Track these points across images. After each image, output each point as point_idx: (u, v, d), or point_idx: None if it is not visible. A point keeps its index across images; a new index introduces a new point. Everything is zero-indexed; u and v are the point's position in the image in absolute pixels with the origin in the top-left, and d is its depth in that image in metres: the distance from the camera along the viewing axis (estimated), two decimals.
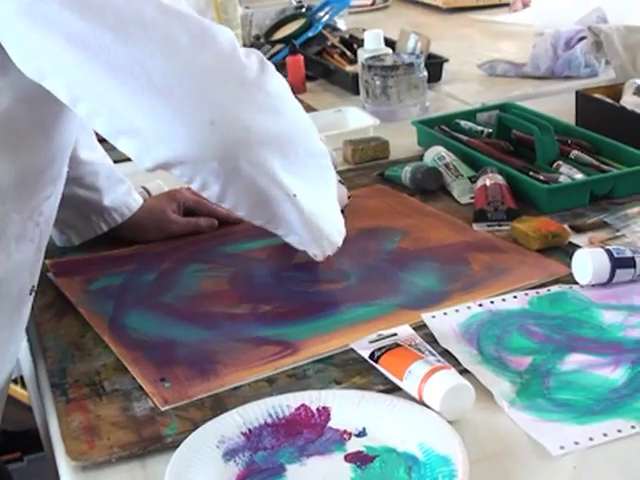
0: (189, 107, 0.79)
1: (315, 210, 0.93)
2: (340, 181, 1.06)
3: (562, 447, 0.75)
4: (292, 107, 0.90)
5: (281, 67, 1.98)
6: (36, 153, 0.84)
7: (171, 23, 0.79)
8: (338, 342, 0.93)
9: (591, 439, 0.76)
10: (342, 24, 2.22)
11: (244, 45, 2.15)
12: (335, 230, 0.98)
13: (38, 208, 0.90)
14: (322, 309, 1.00)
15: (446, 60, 1.88)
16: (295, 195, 0.90)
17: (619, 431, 0.77)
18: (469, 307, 0.97)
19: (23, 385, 2.12)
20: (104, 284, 1.10)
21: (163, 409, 0.84)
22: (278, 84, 0.88)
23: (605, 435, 0.77)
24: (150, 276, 1.11)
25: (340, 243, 0.98)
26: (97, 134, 1.18)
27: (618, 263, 0.98)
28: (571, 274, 1.01)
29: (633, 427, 0.77)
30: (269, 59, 2.24)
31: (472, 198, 1.23)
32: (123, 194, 1.19)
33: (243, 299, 1.04)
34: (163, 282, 1.09)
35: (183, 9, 0.81)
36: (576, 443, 0.76)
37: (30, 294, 0.93)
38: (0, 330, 0.90)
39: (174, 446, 0.77)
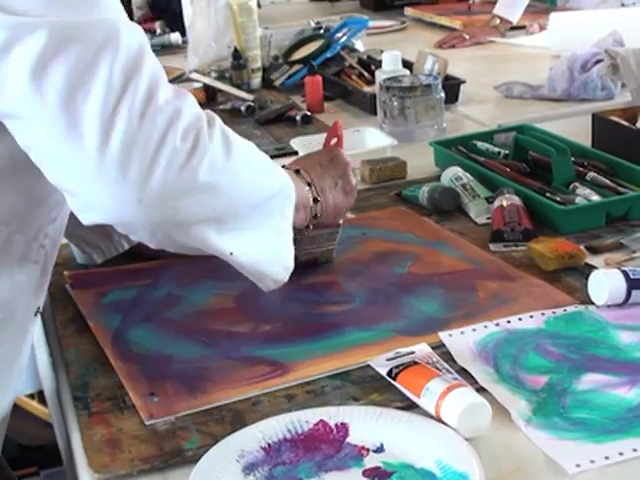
0: (118, 184, 0.79)
1: (255, 258, 0.94)
2: (316, 199, 1.05)
3: (578, 465, 0.76)
4: (232, 174, 0.87)
5: (300, 87, 2.01)
6: (40, 177, 0.84)
7: (120, 96, 0.79)
8: (329, 366, 0.93)
9: (607, 458, 0.77)
10: (360, 45, 2.24)
11: (263, 66, 2.17)
12: (280, 268, 0.97)
13: (43, 230, 0.91)
14: (320, 331, 1.00)
15: (463, 82, 1.90)
16: (232, 253, 0.91)
17: (635, 450, 0.77)
18: (486, 326, 0.98)
19: (40, 400, 2.14)
20: (117, 297, 1.11)
21: (148, 423, 0.86)
22: (217, 156, 0.84)
23: (621, 454, 0.77)
24: (162, 291, 1.12)
25: (287, 278, 0.98)
26: None
27: (634, 284, 0.98)
28: (580, 300, 1.02)
29: None
30: (288, 79, 2.27)
31: (489, 219, 1.25)
32: None
33: (246, 318, 1.05)
34: (173, 298, 1.11)
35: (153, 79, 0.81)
36: (592, 461, 0.76)
37: (35, 315, 0.94)
38: (4, 351, 0.90)
39: (194, 460, 0.78)
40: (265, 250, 0.95)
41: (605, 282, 0.99)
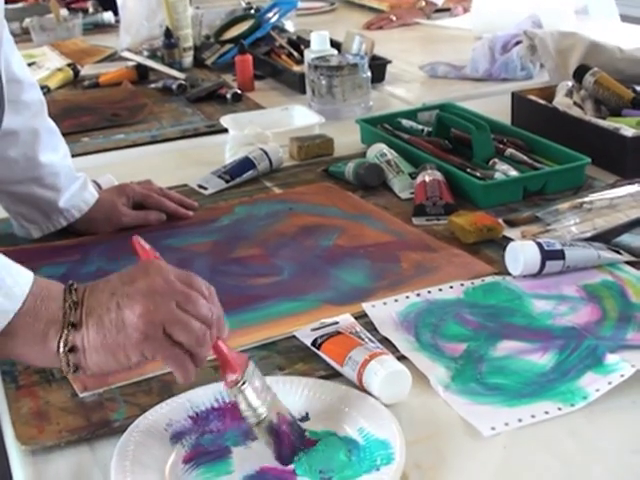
0: None
1: None
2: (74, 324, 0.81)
3: (493, 428, 0.79)
4: None
5: (231, 66, 2.01)
6: None
7: None
8: (260, 335, 0.95)
9: (520, 420, 0.80)
10: (290, 25, 2.25)
11: (195, 45, 2.17)
12: None
13: None
14: (251, 303, 1.02)
15: (389, 61, 1.93)
16: None
17: (546, 413, 0.81)
18: (407, 297, 1.00)
19: None
20: (45, 274, 1.09)
21: (82, 395, 0.87)
22: None
23: (533, 416, 0.81)
24: (92, 267, 1.12)
25: None
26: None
27: (548, 255, 1.02)
28: (498, 271, 1.05)
29: (559, 409, 0.81)
30: (219, 58, 2.27)
31: (412, 193, 1.28)
32: (79, 189, 1.22)
33: None
34: (103, 273, 1.10)
35: None
36: (506, 424, 0.80)
37: None
38: None
39: (122, 430, 0.79)
40: None
41: (521, 253, 1.02)
